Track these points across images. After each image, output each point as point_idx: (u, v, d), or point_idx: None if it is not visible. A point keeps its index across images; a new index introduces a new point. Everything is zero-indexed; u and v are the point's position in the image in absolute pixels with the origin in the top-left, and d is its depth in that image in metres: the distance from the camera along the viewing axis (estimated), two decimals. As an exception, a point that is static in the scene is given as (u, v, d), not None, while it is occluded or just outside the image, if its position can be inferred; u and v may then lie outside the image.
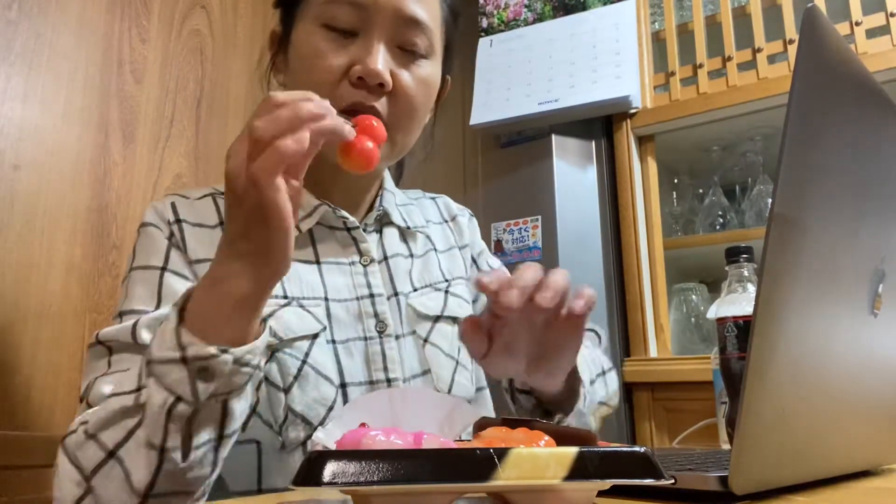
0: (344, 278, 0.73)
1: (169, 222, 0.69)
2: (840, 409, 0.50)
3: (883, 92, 0.50)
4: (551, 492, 0.36)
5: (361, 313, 0.72)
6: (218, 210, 0.72)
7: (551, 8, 1.70)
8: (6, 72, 1.17)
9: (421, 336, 0.75)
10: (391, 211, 0.80)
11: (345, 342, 0.70)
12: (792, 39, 1.47)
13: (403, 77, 0.70)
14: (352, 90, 0.67)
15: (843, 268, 0.47)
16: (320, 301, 0.71)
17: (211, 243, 0.67)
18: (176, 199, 0.71)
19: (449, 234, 0.88)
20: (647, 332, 1.48)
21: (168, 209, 0.70)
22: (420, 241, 0.83)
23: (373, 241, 0.78)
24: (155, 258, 0.67)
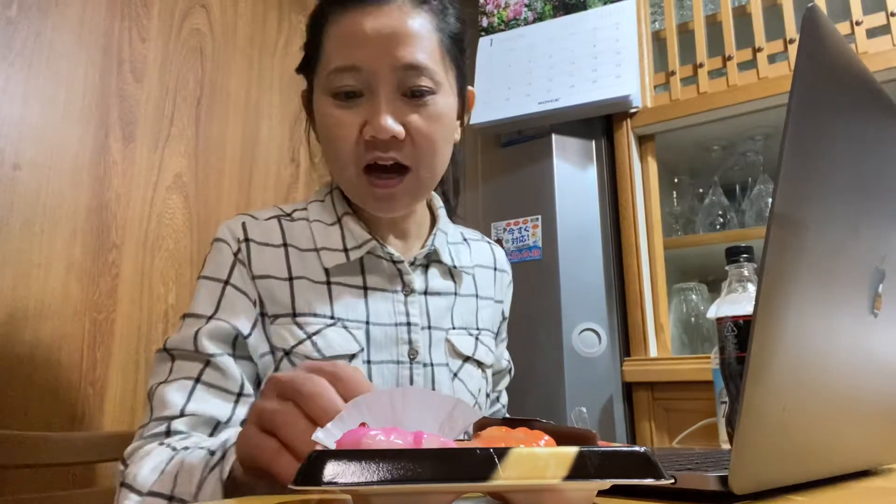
0: (386, 305, 0.80)
1: (238, 240, 0.78)
2: (840, 408, 0.50)
3: (883, 92, 0.50)
4: (551, 492, 0.36)
5: (397, 339, 0.79)
6: (282, 231, 0.80)
7: (551, 7, 1.70)
8: (6, 71, 1.17)
9: (452, 370, 0.82)
10: (440, 249, 0.85)
11: (379, 363, 0.77)
12: (792, 39, 1.47)
13: (414, 122, 0.74)
14: (369, 149, 0.74)
15: (843, 268, 0.47)
16: (361, 325, 0.77)
17: (274, 260, 0.77)
18: (247, 220, 0.80)
19: (492, 284, 0.94)
20: (647, 332, 1.49)
21: (239, 228, 0.79)
22: (466, 281, 0.89)
23: (418, 275, 0.84)
24: (220, 271, 0.76)
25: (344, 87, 0.74)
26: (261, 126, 1.66)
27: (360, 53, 0.73)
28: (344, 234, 0.80)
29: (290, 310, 0.75)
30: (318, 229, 0.81)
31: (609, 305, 1.51)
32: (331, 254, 0.79)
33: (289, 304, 0.75)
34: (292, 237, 0.80)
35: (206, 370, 0.71)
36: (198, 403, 0.70)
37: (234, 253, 0.77)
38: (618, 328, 1.51)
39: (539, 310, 1.48)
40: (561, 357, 1.43)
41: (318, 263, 0.78)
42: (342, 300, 0.77)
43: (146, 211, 1.36)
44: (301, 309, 0.75)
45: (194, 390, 0.70)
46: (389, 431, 0.37)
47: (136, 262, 1.33)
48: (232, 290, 0.75)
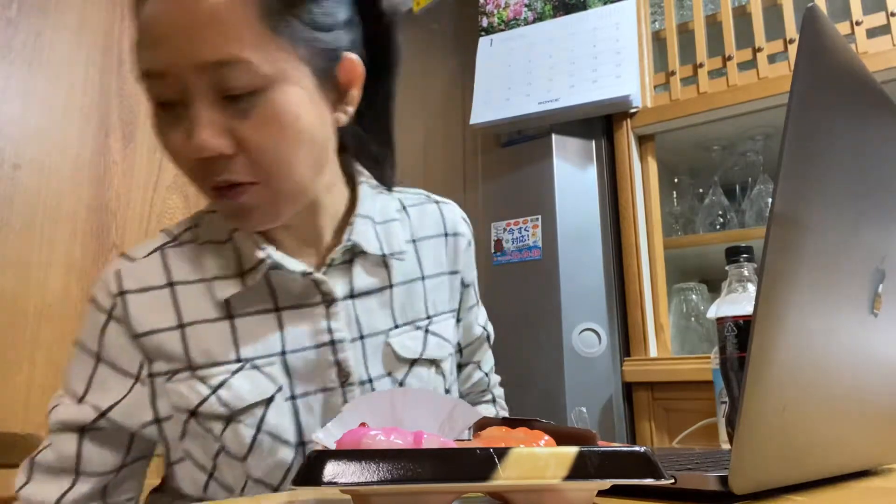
0: (304, 326, 0.68)
1: (112, 294, 0.65)
2: (840, 408, 0.50)
3: (883, 92, 0.50)
4: (551, 491, 0.36)
5: (321, 363, 0.67)
6: (165, 266, 0.67)
7: (551, 7, 1.70)
8: (6, 71, 1.17)
9: (397, 379, 0.71)
10: (364, 241, 0.71)
11: (305, 396, 0.67)
12: (792, 39, 1.47)
13: (241, 132, 0.58)
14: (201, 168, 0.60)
15: (843, 268, 0.47)
16: (276, 357, 0.66)
17: (158, 308, 0.65)
18: (122, 266, 0.67)
19: (442, 254, 0.80)
20: (647, 332, 1.49)
21: (112, 279, 0.66)
22: (405, 266, 0.75)
23: (339, 277, 0.70)
24: (92, 340, 0.66)
25: (156, 94, 0.59)
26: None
27: (157, 54, 0.57)
28: (238, 254, 0.68)
29: (187, 363, 0.64)
30: (208, 252, 0.68)
31: (609, 305, 1.51)
32: (224, 283, 0.66)
33: (183, 357, 0.64)
34: (178, 270, 0.67)
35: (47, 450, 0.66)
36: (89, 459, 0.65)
37: (108, 311, 0.65)
38: (618, 328, 1.51)
39: (539, 310, 1.48)
40: (561, 357, 1.43)
41: (211, 300, 0.66)
42: (249, 335, 0.66)
43: (146, 211, 1.36)
44: (198, 360, 0.64)
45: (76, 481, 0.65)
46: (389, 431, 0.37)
47: (136, 262, 1.33)
48: (104, 367, 0.65)
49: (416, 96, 1.87)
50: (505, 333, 1.55)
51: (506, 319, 1.52)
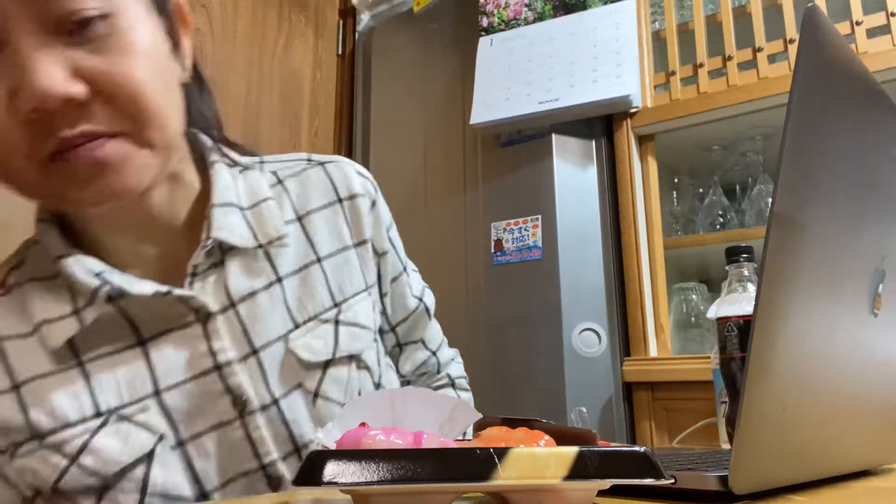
0: (179, 352, 0.55)
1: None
2: (840, 408, 0.50)
3: (883, 92, 0.50)
4: (551, 491, 0.36)
5: (209, 394, 0.55)
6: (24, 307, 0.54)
7: (552, 7, 1.70)
8: (6, 71, 1.17)
9: (310, 390, 0.59)
10: (229, 234, 0.57)
11: (195, 438, 0.55)
12: (792, 39, 1.47)
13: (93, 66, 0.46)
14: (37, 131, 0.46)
15: (843, 268, 0.47)
16: (149, 401, 0.54)
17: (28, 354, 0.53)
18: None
19: (342, 225, 0.65)
20: (647, 332, 1.49)
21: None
22: (292, 251, 0.62)
23: (209, 285, 0.57)
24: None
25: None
26: (261, 126, 1.66)
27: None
28: (71, 288, 0.54)
29: (30, 433, 0.52)
30: (34, 296, 0.55)
31: (609, 305, 1.51)
32: (55, 326, 0.53)
33: (24, 425, 0.51)
34: (4, 325, 0.54)
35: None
36: None
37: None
38: (618, 328, 1.51)
39: (539, 310, 1.48)
40: (561, 357, 1.43)
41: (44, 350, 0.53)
42: (108, 381, 0.53)
43: (146, 211, 1.36)
44: (42, 426, 0.51)
45: None
46: (389, 431, 0.37)
47: (136, 262, 1.33)
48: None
49: (416, 96, 1.87)
50: (505, 333, 1.55)
51: (506, 319, 1.52)
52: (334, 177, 0.66)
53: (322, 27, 1.95)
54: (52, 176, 0.48)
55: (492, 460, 0.34)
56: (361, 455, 0.33)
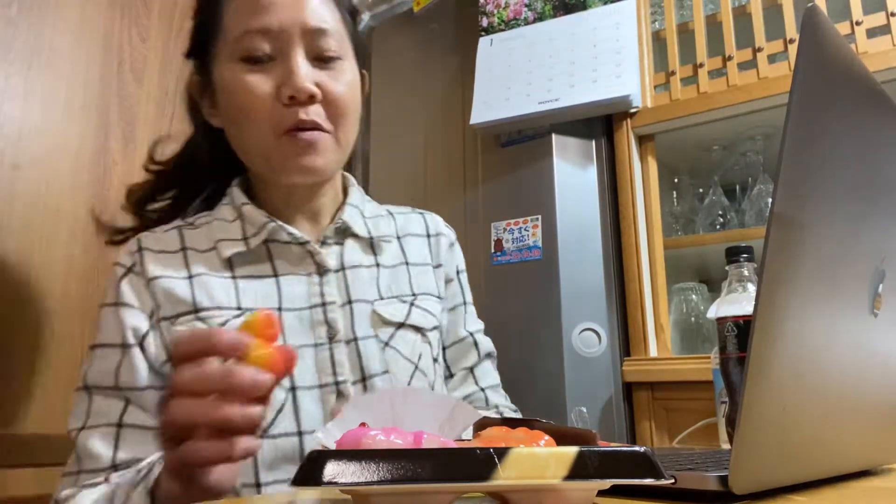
0: (300, 288, 0.77)
1: (132, 252, 0.76)
2: (840, 408, 0.50)
3: (883, 92, 0.50)
4: (551, 491, 0.36)
5: (312, 321, 0.76)
6: (181, 238, 0.79)
7: (551, 7, 1.70)
8: (6, 71, 1.17)
9: (382, 340, 0.78)
10: (353, 224, 0.82)
11: (297, 349, 0.72)
12: (792, 39, 1.47)
13: (328, 83, 0.75)
14: (287, 111, 0.73)
15: (843, 268, 0.47)
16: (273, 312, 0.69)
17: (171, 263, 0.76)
18: (143, 234, 0.79)
19: (426, 251, 0.90)
20: (647, 332, 1.48)
21: (133, 243, 0.78)
22: (389, 251, 0.86)
23: (332, 252, 0.81)
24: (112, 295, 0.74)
25: (255, 49, 0.73)
26: (261, 126, 1.66)
27: (269, 17, 0.73)
28: (244, 224, 0.78)
29: (192, 307, 0.72)
30: (218, 227, 0.79)
31: (609, 305, 1.51)
32: (228, 244, 0.77)
33: (190, 302, 0.73)
34: (192, 241, 0.78)
35: (128, 410, 0.70)
36: (126, 451, 0.68)
37: (128, 267, 0.75)
38: (618, 328, 1.51)
39: (539, 310, 1.48)
40: (561, 357, 1.43)
41: (218, 259, 0.76)
42: (250, 291, 0.75)
43: (146, 211, 1.36)
44: (203, 304, 0.73)
45: (119, 437, 0.69)
46: (389, 431, 0.37)
47: (136, 262, 1.32)
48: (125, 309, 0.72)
49: (416, 96, 1.87)
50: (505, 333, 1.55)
51: (506, 319, 1.52)
52: (428, 220, 0.94)
53: (322, 27, 1.95)
54: (281, 146, 0.74)
55: (492, 460, 0.34)
56: (361, 455, 0.33)
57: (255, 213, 0.78)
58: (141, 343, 0.71)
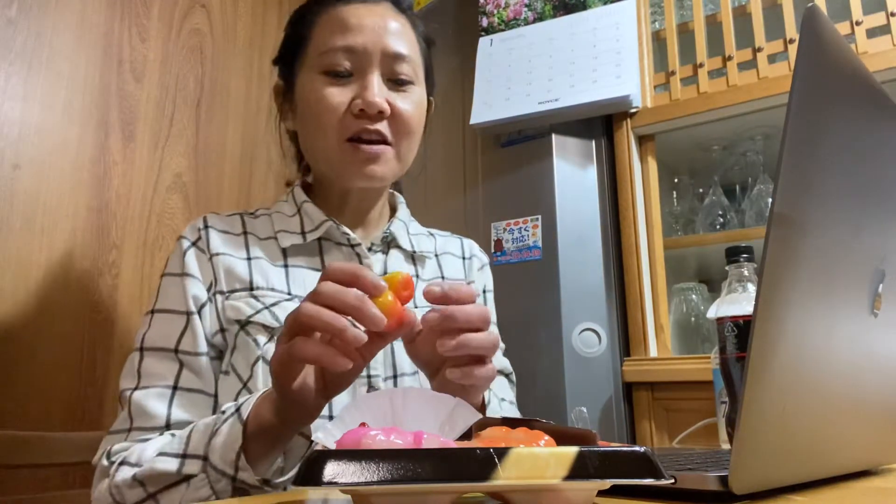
0: None
1: (198, 229, 0.82)
2: (840, 408, 0.50)
3: (883, 92, 0.50)
4: (551, 491, 0.36)
5: None
6: (243, 223, 0.85)
7: (551, 7, 1.70)
8: (6, 71, 1.17)
9: None
10: (399, 236, 0.89)
11: None
12: (792, 39, 1.47)
13: (398, 102, 0.81)
14: (355, 121, 0.79)
15: (843, 268, 0.47)
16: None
17: (233, 243, 0.82)
18: (209, 215, 0.85)
19: (461, 269, 0.97)
20: (647, 332, 1.48)
21: (200, 220, 0.84)
22: (429, 266, 0.92)
23: (377, 259, 0.87)
24: (176, 266, 0.80)
25: (337, 65, 0.80)
26: (261, 126, 1.66)
27: (355, 38, 0.81)
28: (302, 219, 0.85)
29: (248, 285, 0.78)
30: (278, 219, 0.86)
31: (609, 305, 1.51)
32: (288, 235, 0.83)
33: (246, 280, 0.79)
34: (253, 228, 0.85)
35: (183, 374, 0.74)
36: (181, 412, 0.72)
37: (192, 241, 0.81)
38: (618, 328, 1.50)
39: (539, 310, 1.48)
40: (561, 357, 1.43)
41: (275, 247, 0.83)
42: (300, 279, 0.81)
43: (146, 211, 1.36)
44: (258, 283, 0.79)
45: (174, 398, 0.73)
46: (389, 431, 0.37)
47: (136, 262, 1.33)
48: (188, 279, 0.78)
49: (416, 96, 1.86)
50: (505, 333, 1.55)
51: (506, 319, 1.52)
52: (465, 244, 1.01)
53: (322, 27, 1.95)
54: (343, 152, 0.80)
55: (492, 460, 0.34)
56: (361, 455, 0.33)
57: (314, 211, 0.85)
58: (199, 311, 0.77)
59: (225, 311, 0.77)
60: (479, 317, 0.60)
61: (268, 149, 1.67)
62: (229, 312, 0.77)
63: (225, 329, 0.77)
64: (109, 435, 0.73)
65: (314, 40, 0.83)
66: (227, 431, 0.62)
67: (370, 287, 0.56)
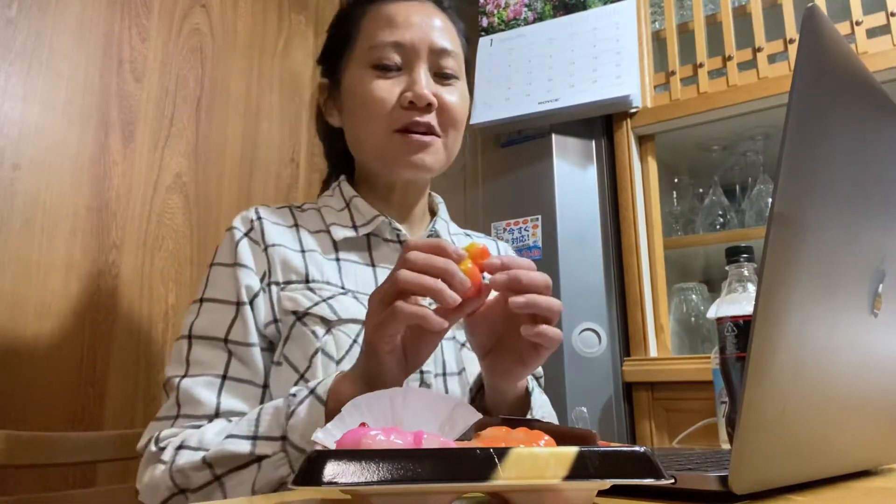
0: None
1: (251, 220, 0.82)
2: (840, 408, 0.50)
3: (883, 92, 0.50)
4: (551, 491, 0.36)
5: None
6: (294, 216, 0.86)
7: (551, 7, 1.70)
8: (6, 71, 1.17)
9: (459, 341, 0.83)
10: (442, 234, 0.90)
11: None
12: (792, 39, 1.47)
13: (444, 96, 0.84)
14: (404, 112, 0.81)
15: (843, 268, 0.47)
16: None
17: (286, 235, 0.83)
18: (260, 206, 0.86)
19: None
20: (647, 332, 1.48)
21: (251, 212, 0.84)
22: None
23: None
24: (227, 256, 0.80)
25: (386, 59, 0.83)
26: (261, 126, 1.66)
27: (403, 33, 0.83)
28: (352, 214, 0.86)
29: (304, 277, 0.79)
30: (327, 213, 0.87)
31: (609, 305, 1.51)
32: (340, 229, 0.84)
33: (302, 272, 0.79)
34: (303, 221, 0.86)
35: (232, 363, 0.74)
36: (230, 401, 0.73)
37: (245, 232, 0.81)
38: (618, 328, 1.51)
39: (539, 310, 1.48)
40: (561, 357, 1.43)
41: (328, 240, 0.84)
42: (351, 274, 0.82)
43: (146, 211, 1.36)
44: (314, 276, 0.79)
45: (223, 387, 0.73)
46: (389, 431, 0.37)
47: (136, 262, 1.32)
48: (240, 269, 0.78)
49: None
50: (505, 333, 1.54)
51: (506, 319, 1.52)
52: (500, 246, 1.03)
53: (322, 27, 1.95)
54: (393, 142, 0.82)
55: (492, 460, 0.34)
56: (361, 455, 0.33)
57: (364, 206, 0.86)
58: (251, 302, 0.77)
59: (281, 302, 0.77)
60: (541, 280, 0.63)
61: (267, 149, 1.67)
62: (286, 303, 0.77)
63: (279, 320, 0.77)
64: (155, 422, 0.74)
65: (362, 37, 0.85)
66: (307, 411, 0.63)
67: (454, 255, 0.60)
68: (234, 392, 0.73)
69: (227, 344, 0.75)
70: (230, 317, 0.76)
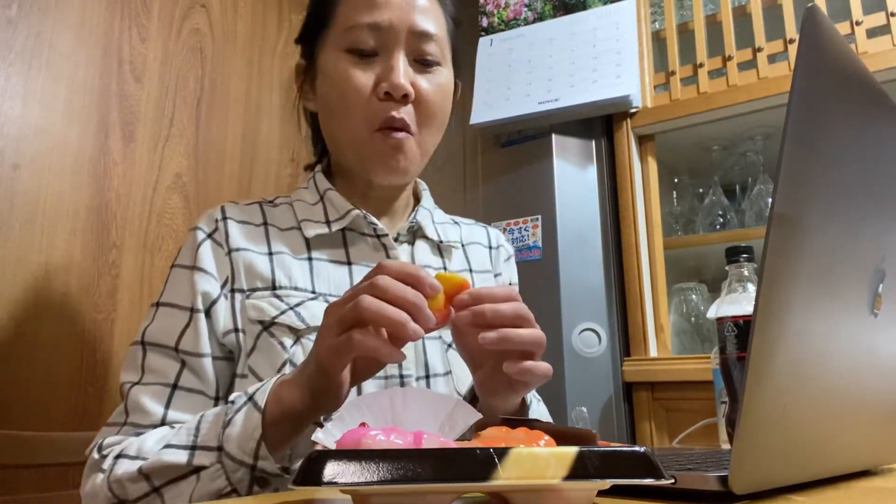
0: None
1: (216, 220, 0.78)
2: (840, 408, 0.50)
3: (883, 92, 0.50)
4: (551, 491, 0.36)
5: None
6: (263, 213, 0.81)
7: (551, 7, 1.70)
8: (6, 71, 1.17)
9: (445, 341, 0.79)
10: (425, 225, 0.85)
11: None
12: (792, 39, 1.47)
13: (423, 85, 0.78)
14: (381, 105, 0.76)
15: (843, 268, 0.47)
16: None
17: (253, 236, 0.78)
18: (227, 204, 0.81)
19: (487, 261, 0.93)
20: (647, 332, 1.48)
21: (217, 211, 0.79)
22: (456, 257, 0.88)
23: (404, 250, 0.83)
24: (187, 258, 0.76)
25: (362, 43, 0.77)
26: (261, 126, 1.66)
27: (381, 14, 0.77)
28: (326, 208, 0.81)
29: (270, 283, 0.75)
30: (300, 207, 0.82)
31: (609, 305, 1.51)
32: (312, 225, 0.79)
33: (269, 278, 0.75)
34: (273, 218, 0.81)
35: (184, 373, 0.71)
36: (177, 412, 0.69)
37: (208, 233, 0.77)
38: (618, 328, 1.51)
39: (539, 310, 1.47)
40: (561, 357, 1.43)
41: (299, 238, 0.79)
42: (324, 275, 0.77)
43: (146, 211, 1.36)
44: (281, 282, 0.75)
45: (172, 397, 0.70)
46: (389, 431, 0.37)
47: (136, 262, 1.33)
48: (198, 273, 0.74)
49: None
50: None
51: (506, 319, 1.52)
52: (490, 233, 0.97)
53: (322, 27, 1.95)
54: (374, 143, 0.77)
55: (492, 460, 0.34)
56: (361, 455, 0.33)
57: (339, 199, 0.81)
58: (208, 310, 0.73)
59: (246, 311, 0.73)
60: (512, 313, 0.60)
61: (267, 149, 1.67)
62: (251, 312, 0.73)
63: (241, 329, 0.73)
64: (106, 427, 0.71)
65: (339, 17, 0.79)
66: (244, 420, 0.60)
67: (428, 290, 0.57)
68: (184, 402, 0.70)
69: (178, 353, 0.71)
70: (182, 324, 0.72)
